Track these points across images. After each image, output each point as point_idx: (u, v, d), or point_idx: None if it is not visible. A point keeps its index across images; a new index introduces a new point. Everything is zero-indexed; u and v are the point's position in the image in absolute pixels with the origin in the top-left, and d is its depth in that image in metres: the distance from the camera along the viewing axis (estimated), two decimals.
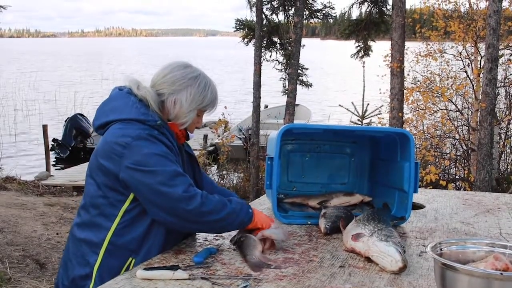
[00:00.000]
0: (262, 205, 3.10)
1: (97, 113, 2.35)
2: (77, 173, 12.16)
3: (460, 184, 10.70)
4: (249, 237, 2.30)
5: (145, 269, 2.01)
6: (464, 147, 11.27)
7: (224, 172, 12.59)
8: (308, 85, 12.90)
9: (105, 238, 2.22)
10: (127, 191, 2.20)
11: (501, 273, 1.58)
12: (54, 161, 15.25)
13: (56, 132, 17.34)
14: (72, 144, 16.03)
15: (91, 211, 2.27)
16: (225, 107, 13.39)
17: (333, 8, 12.40)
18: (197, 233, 2.51)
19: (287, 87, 11.12)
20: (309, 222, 2.77)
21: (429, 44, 11.67)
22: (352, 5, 12.58)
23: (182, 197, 2.13)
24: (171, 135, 2.29)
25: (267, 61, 12.35)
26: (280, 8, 12.28)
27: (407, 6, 10.30)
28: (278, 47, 12.63)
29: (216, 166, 13.22)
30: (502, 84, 11.12)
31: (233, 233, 2.40)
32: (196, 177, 2.52)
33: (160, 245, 2.26)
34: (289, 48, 11.87)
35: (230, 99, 23.43)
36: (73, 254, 2.31)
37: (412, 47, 11.37)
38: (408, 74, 11.00)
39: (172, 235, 2.31)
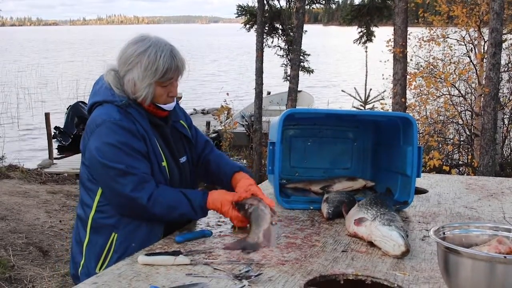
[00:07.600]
0: (265, 191, 3.06)
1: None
2: (80, 161, 12.17)
3: (464, 169, 10.69)
4: (257, 208, 2.27)
5: (146, 254, 2.00)
6: (468, 132, 11.25)
7: None
8: (310, 71, 12.87)
9: (89, 215, 2.30)
10: None
11: (505, 257, 1.56)
12: (56, 149, 15.27)
13: (58, 120, 17.35)
14: (74, 132, 16.04)
15: (81, 189, 2.39)
16: (227, 94, 13.38)
17: None
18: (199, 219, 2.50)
19: (288, 73, 11.09)
20: (311, 207, 2.76)
21: (432, 29, 11.62)
22: None
23: (128, 197, 2.20)
24: (139, 114, 2.29)
25: (268, 47, 12.30)
26: None
27: None
28: (280, 33, 12.58)
29: None
30: (506, 69, 11.08)
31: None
32: (193, 156, 2.53)
33: (141, 220, 2.28)
34: (291, 34, 11.82)
35: (233, 86, 23.38)
36: (75, 232, 2.42)
37: (415, 32, 11.32)
38: (411, 59, 10.97)
39: None
